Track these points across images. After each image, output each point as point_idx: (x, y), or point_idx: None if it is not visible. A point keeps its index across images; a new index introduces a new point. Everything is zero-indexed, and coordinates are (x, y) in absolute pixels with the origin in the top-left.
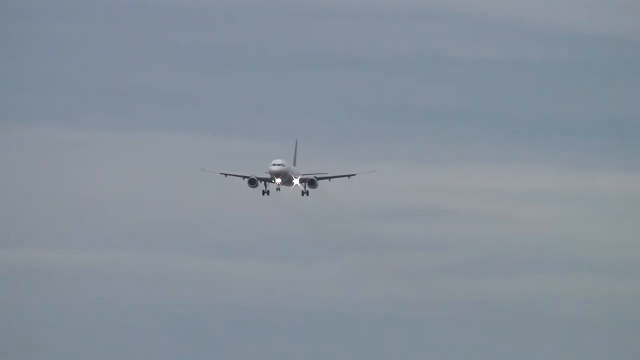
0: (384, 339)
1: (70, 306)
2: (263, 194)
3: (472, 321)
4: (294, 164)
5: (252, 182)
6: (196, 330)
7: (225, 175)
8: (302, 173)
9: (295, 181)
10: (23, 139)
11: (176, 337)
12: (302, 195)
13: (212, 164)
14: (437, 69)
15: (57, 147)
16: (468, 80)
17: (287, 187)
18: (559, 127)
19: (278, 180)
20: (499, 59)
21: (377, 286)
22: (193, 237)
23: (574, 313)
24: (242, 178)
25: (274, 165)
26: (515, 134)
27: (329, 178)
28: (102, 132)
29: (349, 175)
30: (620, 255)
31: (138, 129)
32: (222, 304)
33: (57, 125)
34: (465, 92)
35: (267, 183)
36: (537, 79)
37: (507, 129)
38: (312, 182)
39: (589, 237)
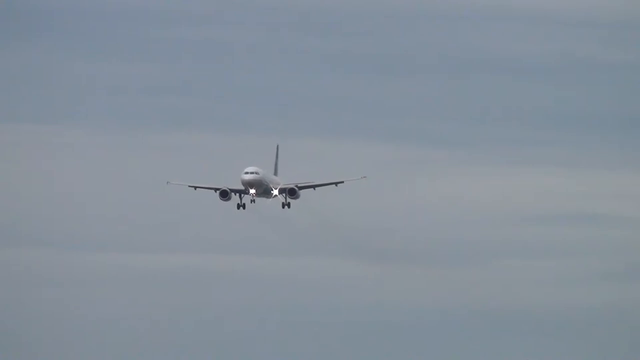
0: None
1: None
2: (238, 208)
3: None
4: (275, 173)
5: (224, 195)
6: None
7: (195, 188)
8: (283, 183)
9: (275, 192)
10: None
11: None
12: (283, 207)
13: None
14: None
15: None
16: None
17: (267, 198)
18: None
19: (252, 191)
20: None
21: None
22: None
23: None
24: (213, 190)
25: (246, 173)
26: None
27: (314, 187)
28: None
29: (336, 183)
30: None
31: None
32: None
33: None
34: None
35: (241, 195)
36: None
37: None
38: (292, 192)
39: None
